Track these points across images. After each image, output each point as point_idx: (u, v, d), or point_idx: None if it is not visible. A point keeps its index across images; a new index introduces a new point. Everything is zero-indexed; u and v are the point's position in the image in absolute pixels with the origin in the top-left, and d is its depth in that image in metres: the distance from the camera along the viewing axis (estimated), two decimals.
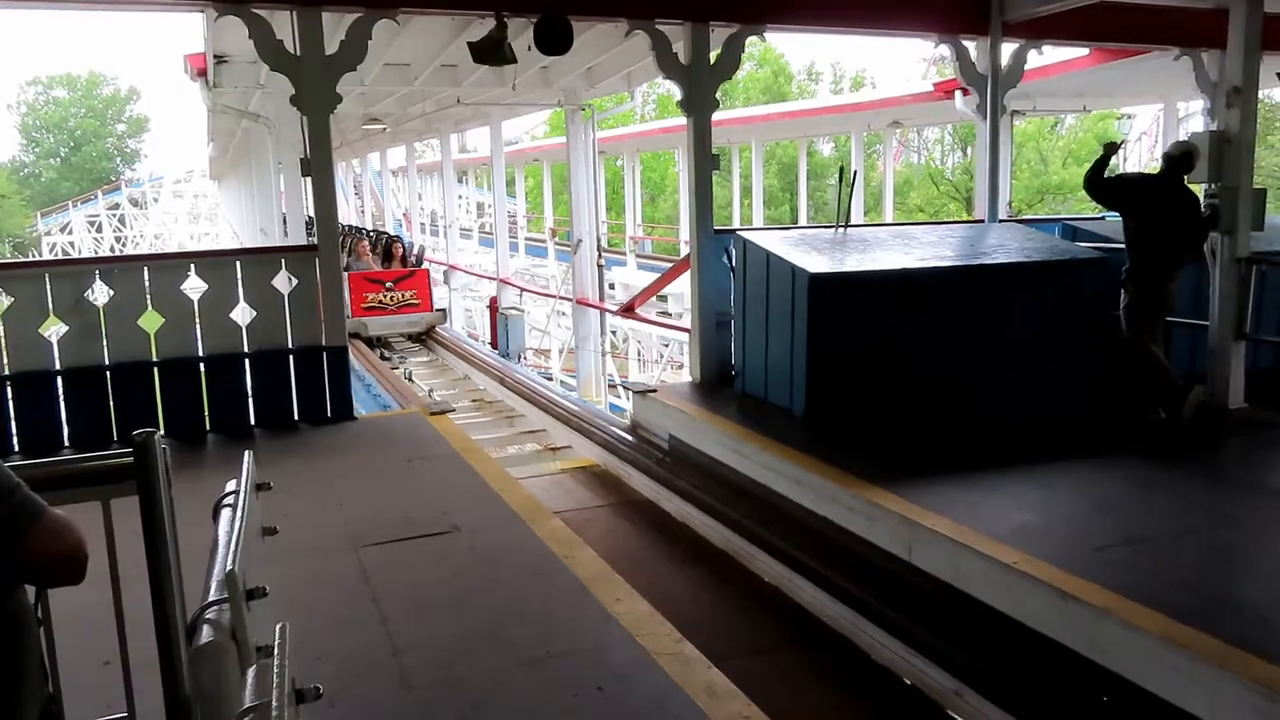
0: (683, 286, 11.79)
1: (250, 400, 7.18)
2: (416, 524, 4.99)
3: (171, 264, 7.22)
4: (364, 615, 3.98)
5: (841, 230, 7.91)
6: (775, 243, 7.38)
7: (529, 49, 7.71)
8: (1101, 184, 6.84)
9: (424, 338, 16.73)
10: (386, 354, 15.87)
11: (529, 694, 3.35)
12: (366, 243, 18.06)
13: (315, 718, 3.12)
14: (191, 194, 55.97)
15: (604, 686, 3.38)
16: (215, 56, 11.91)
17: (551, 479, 7.97)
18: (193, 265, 7.18)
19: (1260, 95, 7.19)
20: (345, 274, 14.87)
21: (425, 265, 18.51)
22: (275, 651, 1.16)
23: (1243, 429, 6.64)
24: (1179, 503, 5.26)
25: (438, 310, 16.95)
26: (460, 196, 33.14)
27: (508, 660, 3.58)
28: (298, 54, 6.79)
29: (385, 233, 21.98)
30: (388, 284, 16.11)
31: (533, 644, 3.70)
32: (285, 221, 16.68)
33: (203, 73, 12.74)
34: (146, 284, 6.90)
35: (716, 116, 8.17)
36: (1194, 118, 16.19)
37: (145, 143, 71.24)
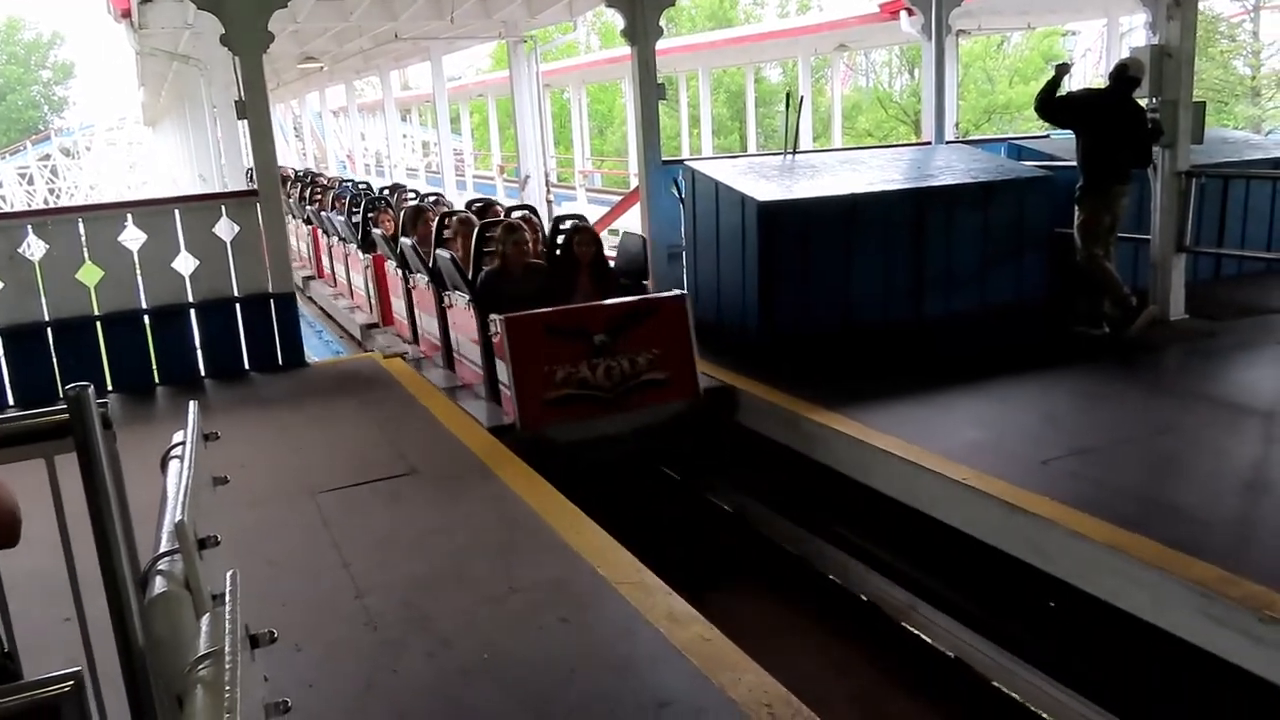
0: (633, 219, 11.72)
1: (199, 351, 7.08)
2: (373, 468, 4.99)
3: (108, 215, 7.02)
4: (326, 560, 4.00)
5: (790, 157, 7.89)
6: (724, 172, 7.36)
7: None
8: (1054, 104, 6.88)
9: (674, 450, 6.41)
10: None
11: (495, 628, 3.39)
12: (523, 231, 6.66)
13: (281, 663, 3.14)
14: (126, 141, 54.10)
15: (568, 617, 3.44)
16: None
17: None
18: (130, 215, 6.99)
19: (1200, 7, 7.22)
20: (462, 304, 6.51)
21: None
22: (227, 597, 1.16)
23: (1183, 340, 6.81)
24: (1122, 413, 5.41)
25: (706, 390, 6.25)
26: (404, 135, 32.43)
27: (472, 597, 3.62)
28: None
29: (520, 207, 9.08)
30: (598, 337, 5.94)
31: (496, 580, 3.74)
32: (224, 170, 15.89)
33: (127, 13, 12.26)
34: (83, 236, 6.72)
35: (661, 44, 8.04)
36: (1135, 32, 16.25)
37: (73, 90, 68.36)
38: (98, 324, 6.73)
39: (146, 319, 6.88)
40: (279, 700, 1.22)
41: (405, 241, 7.52)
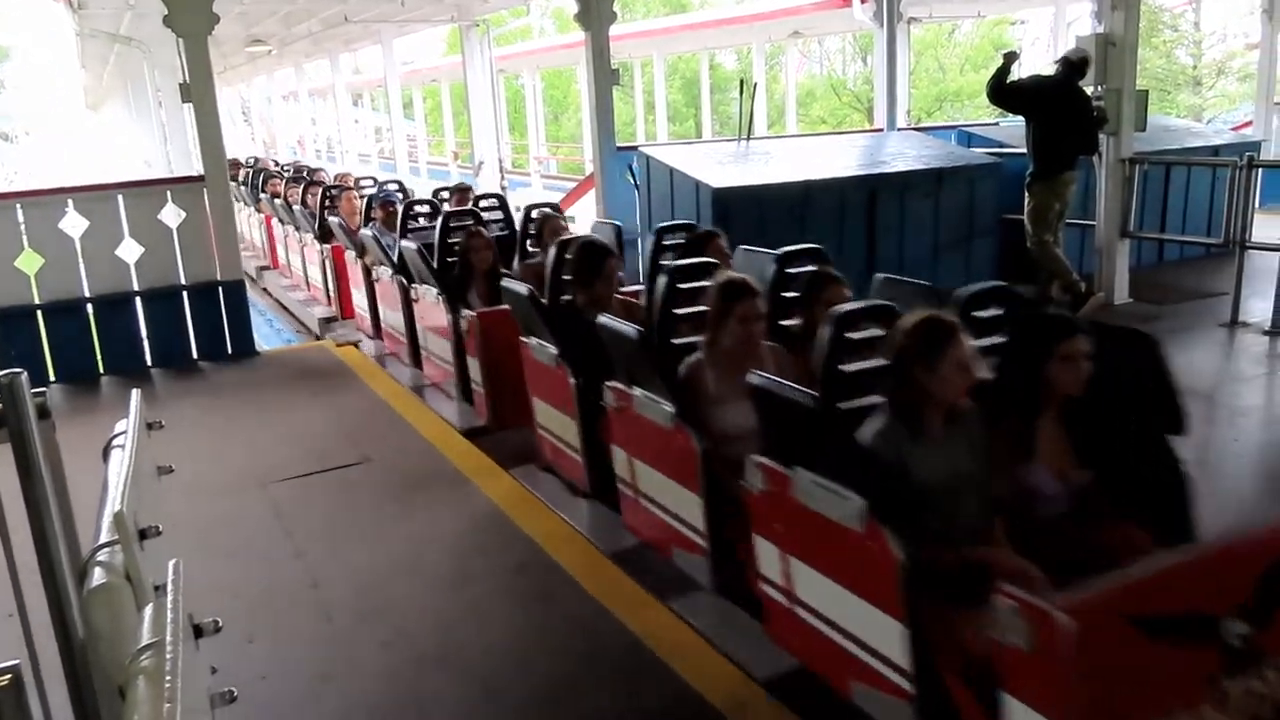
0: (588, 205, 11.70)
1: (145, 340, 6.95)
2: (327, 457, 4.93)
3: (47, 200, 6.84)
4: (279, 551, 3.95)
5: (744, 143, 7.92)
6: (679, 158, 7.37)
7: None
8: (1005, 90, 6.98)
9: None
10: None
11: (450, 616, 3.38)
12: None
13: (233, 654, 3.10)
14: (67, 126, 52.71)
15: (524, 605, 3.43)
16: None
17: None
18: (71, 201, 6.81)
19: None
20: (846, 521, 2.65)
21: None
22: (169, 588, 1.14)
23: (1128, 323, 6.95)
24: None
25: None
26: (355, 120, 31.97)
27: (427, 585, 3.60)
28: None
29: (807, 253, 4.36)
30: (1235, 629, 2.11)
31: (451, 568, 3.72)
32: (169, 154, 15.30)
33: None
34: (21, 223, 6.55)
35: (616, 30, 8.01)
36: (1080, 21, 16.51)
37: (9, 73, 66.30)
38: (38, 313, 6.58)
39: (90, 307, 6.74)
40: (224, 690, 1.20)
41: (618, 327, 3.64)
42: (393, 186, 9.37)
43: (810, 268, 3.94)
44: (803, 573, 2.88)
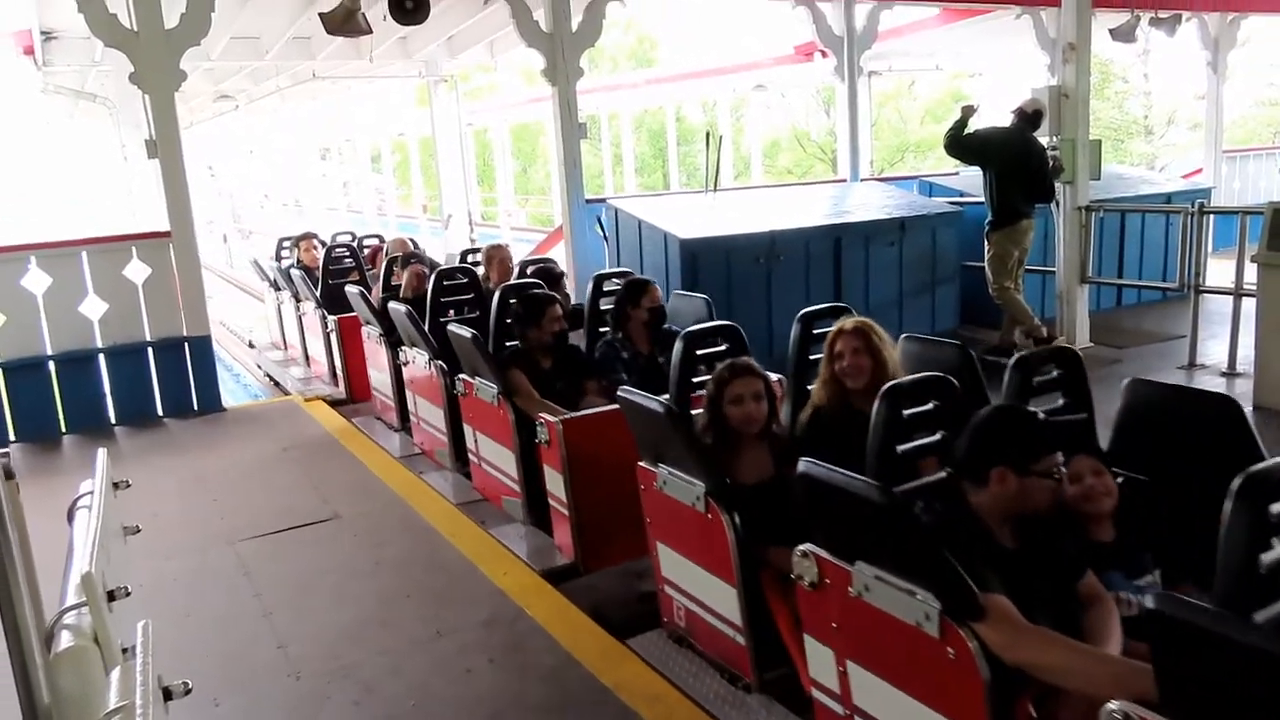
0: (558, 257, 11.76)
1: (109, 398, 6.85)
2: (295, 514, 4.87)
3: (9, 257, 6.76)
4: (246, 610, 3.88)
5: (711, 194, 8.03)
6: (647, 209, 7.45)
7: (384, 19, 7.48)
8: (961, 142, 7.15)
9: None
10: None
11: (421, 673, 3.33)
12: None
13: (200, 717, 3.04)
14: (28, 182, 52.22)
15: (495, 659, 3.39)
16: (43, 32, 11.13)
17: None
18: (33, 257, 6.73)
19: (1094, 51, 7.61)
20: None
21: None
22: (138, 650, 1.13)
23: (1089, 368, 7.06)
24: None
25: None
26: (323, 174, 32.02)
27: (397, 643, 3.55)
28: (134, 28, 6.43)
29: None
30: None
31: (422, 624, 3.68)
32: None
33: (30, 50, 11.91)
34: None
35: (583, 84, 8.11)
36: (1037, 73, 16.96)
37: None
38: None
39: (52, 365, 6.65)
40: None
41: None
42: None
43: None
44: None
